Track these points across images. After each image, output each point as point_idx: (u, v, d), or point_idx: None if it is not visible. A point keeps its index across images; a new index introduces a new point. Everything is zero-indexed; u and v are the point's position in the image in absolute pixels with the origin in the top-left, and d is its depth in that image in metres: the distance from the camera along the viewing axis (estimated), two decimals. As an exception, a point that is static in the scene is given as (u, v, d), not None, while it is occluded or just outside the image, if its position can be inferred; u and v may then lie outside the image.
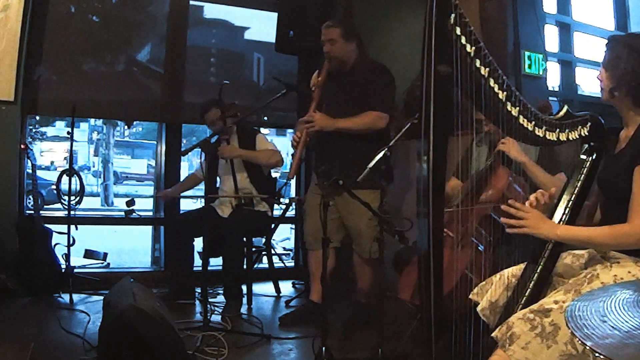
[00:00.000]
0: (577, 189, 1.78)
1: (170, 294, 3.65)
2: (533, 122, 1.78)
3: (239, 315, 3.44)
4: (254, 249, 4.00)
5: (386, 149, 2.61)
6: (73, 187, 3.80)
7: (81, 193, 4.03)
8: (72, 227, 3.73)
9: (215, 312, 3.39)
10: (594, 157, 1.79)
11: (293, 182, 4.64)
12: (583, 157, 1.81)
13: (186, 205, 4.92)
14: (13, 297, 3.49)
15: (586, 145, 1.81)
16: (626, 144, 1.77)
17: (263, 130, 4.93)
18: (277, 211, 4.15)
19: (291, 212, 4.77)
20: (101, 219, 7.43)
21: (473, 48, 1.72)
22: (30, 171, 3.97)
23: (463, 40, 1.72)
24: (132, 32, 4.50)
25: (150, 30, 4.66)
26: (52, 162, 15.17)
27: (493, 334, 1.62)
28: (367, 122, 3.17)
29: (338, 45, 3.22)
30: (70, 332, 2.94)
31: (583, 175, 1.79)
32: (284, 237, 5.89)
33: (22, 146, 3.82)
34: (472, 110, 1.81)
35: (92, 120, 14.71)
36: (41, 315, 3.24)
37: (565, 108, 1.82)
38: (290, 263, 4.88)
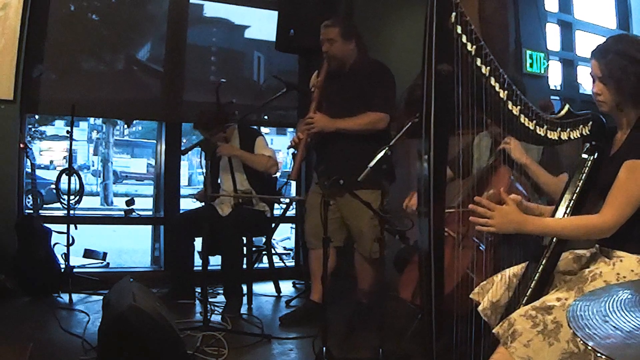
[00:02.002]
0: (578, 188, 1.78)
1: (170, 294, 3.65)
2: (534, 121, 1.77)
3: (239, 315, 3.43)
4: (254, 249, 4.00)
5: (387, 148, 2.60)
6: (72, 186, 3.79)
7: (80, 192, 4.02)
8: (72, 226, 3.72)
9: (215, 312, 3.38)
10: (595, 156, 1.79)
11: (293, 181, 4.63)
12: (584, 156, 1.81)
13: (186, 204, 4.90)
14: (12, 297, 3.48)
15: (587, 144, 1.81)
16: (620, 146, 1.76)
17: (263, 129, 4.92)
18: (277, 211, 4.15)
19: (291, 212, 4.76)
20: (101, 219, 7.41)
21: (474, 47, 1.72)
22: (29, 170, 3.96)
23: (464, 39, 1.71)
24: (132, 30, 4.49)
25: (150, 29, 4.66)
26: (51, 161, 15.15)
27: (494, 330, 1.63)
28: (367, 123, 3.16)
29: (337, 44, 3.21)
30: (70, 332, 2.93)
31: (584, 175, 1.78)
32: (284, 236, 5.88)
33: (21, 145, 3.81)
34: (473, 109, 1.80)
35: (91, 119, 14.70)
36: (40, 315, 3.24)
37: (567, 107, 1.81)
38: (290, 263, 4.86)
